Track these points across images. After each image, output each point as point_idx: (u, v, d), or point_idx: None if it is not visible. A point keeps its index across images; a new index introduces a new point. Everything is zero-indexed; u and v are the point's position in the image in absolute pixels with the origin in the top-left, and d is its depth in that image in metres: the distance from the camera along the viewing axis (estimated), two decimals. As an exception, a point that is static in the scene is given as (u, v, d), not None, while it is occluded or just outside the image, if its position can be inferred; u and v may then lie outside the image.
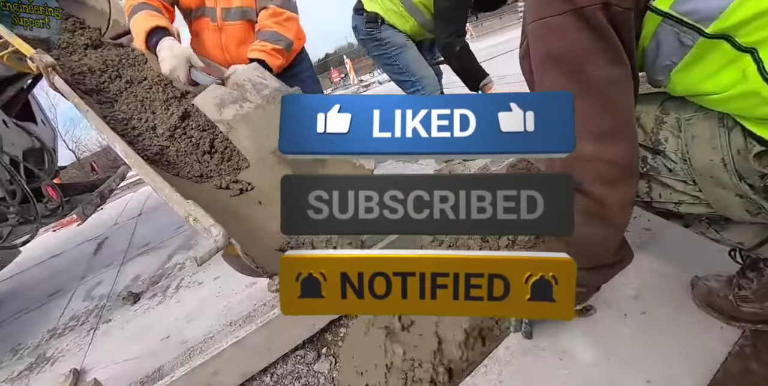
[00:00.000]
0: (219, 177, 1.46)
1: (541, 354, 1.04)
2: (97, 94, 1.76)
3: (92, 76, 1.82)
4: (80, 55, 1.97)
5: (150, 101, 1.70)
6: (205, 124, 1.56)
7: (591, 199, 0.73)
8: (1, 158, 2.40)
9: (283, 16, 1.59)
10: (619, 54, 0.67)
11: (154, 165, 1.39)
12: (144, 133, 1.57)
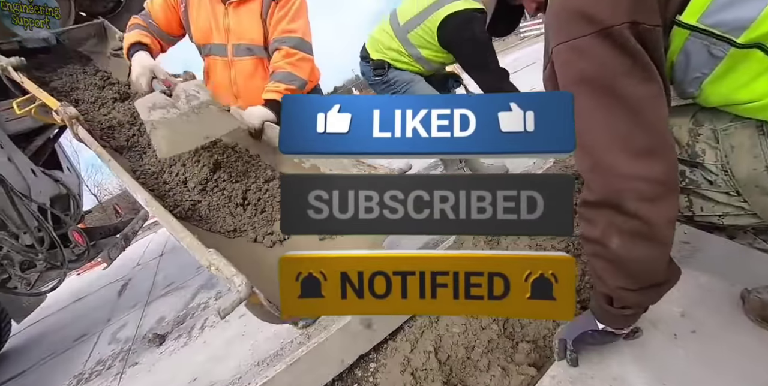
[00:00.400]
0: (253, 230, 1.41)
1: (590, 383, 0.97)
2: (128, 150, 1.79)
3: (121, 131, 1.86)
4: (108, 109, 2.01)
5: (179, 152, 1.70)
6: (237, 176, 1.54)
7: (636, 219, 0.71)
8: (29, 206, 2.47)
9: (296, 57, 1.61)
10: (650, 71, 0.66)
11: (186, 221, 1.38)
12: (175, 187, 1.56)
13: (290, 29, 1.62)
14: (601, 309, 0.91)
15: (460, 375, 1.07)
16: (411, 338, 1.19)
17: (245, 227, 1.42)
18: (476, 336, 1.13)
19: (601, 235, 0.78)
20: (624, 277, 0.79)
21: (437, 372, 1.05)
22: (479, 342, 1.11)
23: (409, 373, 1.06)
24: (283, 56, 1.60)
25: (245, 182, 1.54)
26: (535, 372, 1.04)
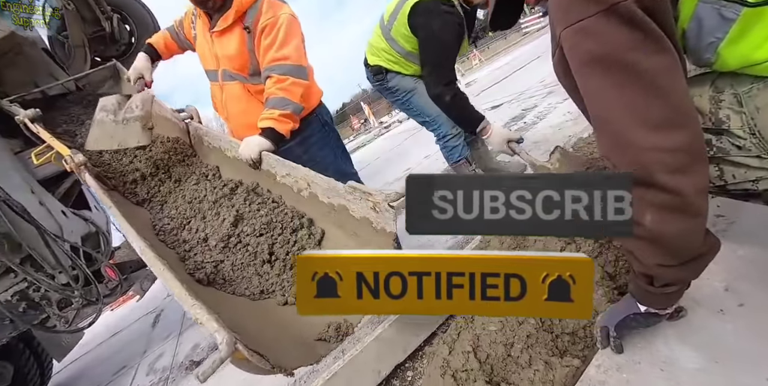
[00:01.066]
0: (282, 290, 1.31)
1: (638, 368, 0.94)
2: (149, 203, 1.83)
3: (143, 184, 1.91)
4: (130, 158, 2.08)
5: (198, 202, 1.68)
6: (261, 228, 1.45)
7: (666, 192, 0.70)
8: (63, 247, 2.56)
9: (287, 82, 1.60)
10: (661, 42, 0.66)
11: (210, 286, 1.30)
12: (195, 246, 1.48)
13: (279, 57, 1.61)
14: (641, 291, 0.88)
15: (502, 373, 1.04)
16: (448, 340, 1.17)
17: (273, 287, 1.32)
18: (514, 332, 1.10)
19: (634, 213, 0.77)
20: (662, 254, 0.78)
21: (478, 372, 1.03)
22: (518, 338, 1.09)
23: (449, 376, 1.04)
24: (274, 83, 1.60)
25: (270, 235, 1.44)
26: (579, 362, 1.01)
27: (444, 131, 2.20)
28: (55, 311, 2.52)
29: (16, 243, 2.39)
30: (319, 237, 1.39)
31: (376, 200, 1.05)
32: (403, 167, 4.96)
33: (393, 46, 2.10)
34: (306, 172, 1.36)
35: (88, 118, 2.59)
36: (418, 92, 2.16)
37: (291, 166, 1.44)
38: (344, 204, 1.22)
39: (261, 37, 1.62)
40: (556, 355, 1.05)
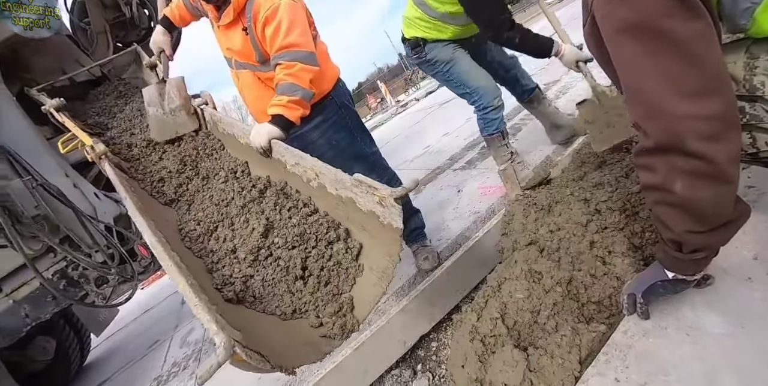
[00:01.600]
0: (315, 310, 1.20)
1: (664, 334, 0.97)
2: (176, 203, 1.80)
3: (170, 182, 1.88)
4: (159, 154, 2.07)
5: (225, 205, 1.59)
6: (294, 240, 1.32)
7: (698, 159, 0.71)
8: (98, 227, 2.67)
9: (295, 68, 1.57)
10: (695, 8, 0.66)
11: (240, 304, 1.21)
12: (224, 258, 1.38)
13: (285, 45, 1.58)
14: (670, 257, 0.90)
15: (529, 338, 1.08)
16: (476, 308, 1.21)
17: (306, 306, 1.22)
18: (540, 300, 1.13)
19: (663, 180, 0.78)
20: (691, 220, 0.79)
21: (506, 337, 1.07)
22: (544, 306, 1.12)
23: (478, 340, 1.08)
24: (282, 69, 1.58)
25: (304, 247, 1.32)
26: (605, 328, 1.04)
27: (484, 103, 2.18)
28: (93, 288, 2.66)
29: (54, 225, 2.51)
30: (356, 252, 1.27)
31: (382, 195, 1.02)
32: (422, 144, 4.94)
33: (426, 11, 2.07)
34: (314, 163, 1.32)
35: (119, 110, 2.64)
36: (457, 62, 2.15)
37: (299, 156, 1.39)
38: (351, 196, 1.18)
39: (264, 28, 1.60)
40: (582, 322, 1.08)
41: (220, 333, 0.78)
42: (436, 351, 1.81)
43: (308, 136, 1.80)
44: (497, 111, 2.20)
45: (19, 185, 2.47)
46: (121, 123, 2.48)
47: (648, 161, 0.80)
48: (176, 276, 1.04)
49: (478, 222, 2.24)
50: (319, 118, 1.81)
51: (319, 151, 1.80)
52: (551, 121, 2.48)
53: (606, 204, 1.49)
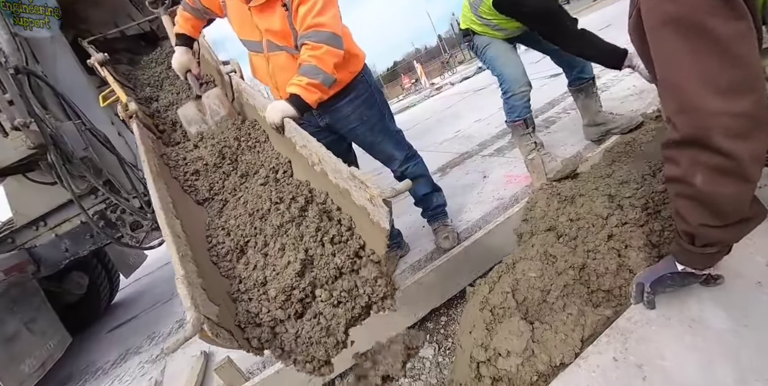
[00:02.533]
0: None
1: (667, 323, 1.01)
2: (209, 202, 1.63)
3: (205, 176, 1.68)
4: (195, 141, 1.89)
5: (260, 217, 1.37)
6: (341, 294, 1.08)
7: (722, 155, 0.73)
8: (137, 174, 2.83)
9: (321, 51, 1.55)
10: (738, 9, 0.67)
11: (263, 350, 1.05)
12: (252, 289, 1.17)
13: (315, 24, 1.57)
14: (682, 250, 0.93)
15: (536, 314, 1.14)
16: (489, 281, 1.27)
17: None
18: (552, 280, 1.19)
19: (685, 173, 0.81)
20: (707, 214, 0.82)
21: (515, 310, 1.13)
22: (555, 286, 1.17)
23: (488, 310, 1.15)
24: (308, 50, 1.56)
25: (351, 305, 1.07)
26: (611, 313, 1.09)
27: (508, 89, 2.24)
28: (128, 231, 2.84)
29: (98, 169, 2.68)
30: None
31: (372, 193, 0.97)
32: (453, 128, 4.94)
33: (482, 20, 2.19)
34: (318, 148, 1.26)
35: (170, 83, 2.61)
36: (491, 47, 2.23)
37: (307, 138, 1.35)
38: (347, 188, 1.13)
39: (299, 7, 1.58)
40: (589, 306, 1.13)
41: (192, 310, 0.80)
42: (444, 326, 1.89)
43: (342, 110, 1.85)
44: (519, 98, 2.23)
45: (70, 127, 2.63)
46: (168, 95, 2.40)
47: (673, 154, 0.83)
48: (170, 244, 1.05)
49: (500, 209, 2.28)
50: (353, 94, 1.86)
51: (351, 125, 1.87)
52: (592, 116, 2.47)
53: (629, 201, 1.51)
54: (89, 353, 3.31)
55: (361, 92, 1.89)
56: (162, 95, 2.43)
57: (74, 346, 3.04)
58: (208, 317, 0.85)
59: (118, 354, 2.93)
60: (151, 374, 2.32)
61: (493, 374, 1.02)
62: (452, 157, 3.73)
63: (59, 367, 3.02)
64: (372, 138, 1.91)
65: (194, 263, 1.10)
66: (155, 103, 2.36)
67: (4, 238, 2.83)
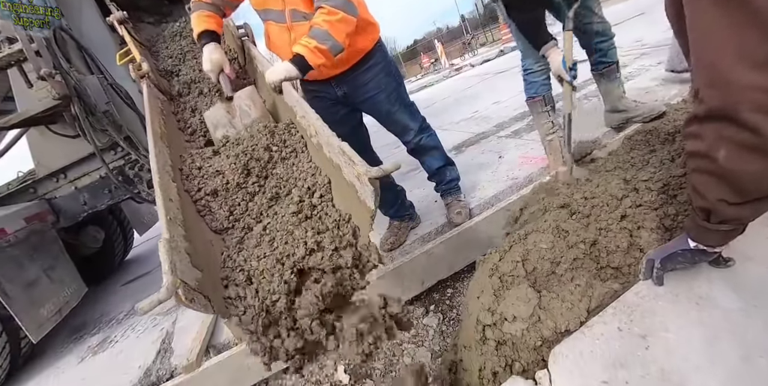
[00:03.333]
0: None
1: (675, 300, 1.02)
2: (227, 232, 1.30)
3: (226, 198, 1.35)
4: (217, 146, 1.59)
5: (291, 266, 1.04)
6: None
7: (748, 131, 0.72)
8: (155, 133, 2.86)
9: (336, 17, 1.51)
10: None
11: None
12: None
13: None
14: (696, 226, 0.94)
15: (544, 284, 1.16)
16: (500, 251, 1.29)
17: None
18: (562, 253, 1.20)
19: (708, 148, 0.80)
20: (727, 190, 0.82)
21: (523, 279, 1.15)
22: (565, 259, 1.19)
23: (497, 277, 1.17)
24: (323, 14, 1.52)
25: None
26: (619, 288, 1.10)
27: (526, 64, 2.21)
28: (145, 189, 2.90)
29: (118, 125, 2.71)
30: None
31: (359, 171, 0.94)
32: (471, 109, 4.88)
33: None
34: (315, 120, 1.21)
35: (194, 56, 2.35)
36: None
37: (306, 110, 1.30)
38: (339, 163, 1.10)
39: None
40: (597, 279, 1.14)
41: (168, 275, 0.80)
42: (450, 297, 1.93)
43: (361, 77, 1.84)
44: (538, 75, 2.19)
45: (93, 81, 2.66)
46: (189, 72, 2.14)
47: (697, 129, 0.82)
48: (160, 206, 1.03)
49: (514, 188, 2.28)
50: (372, 61, 1.85)
51: (369, 94, 1.87)
52: (613, 102, 2.42)
53: (645, 184, 1.50)
54: (103, 304, 3.45)
55: (379, 60, 1.88)
56: (184, 70, 2.23)
57: (89, 297, 3.17)
58: (186, 282, 0.84)
59: (131, 306, 3.04)
60: (162, 325, 2.42)
61: (498, 337, 1.06)
62: (468, 137, 3.71)
63: (74, 315, 3.16)
64: (389, 106, 1.91)
65: (183, 227, 1.07)
66: (176, 78, 2.15)
67: (26, 188, 2.91)
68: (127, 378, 2.00)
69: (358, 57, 1.80)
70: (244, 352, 1.72)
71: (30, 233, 2.59)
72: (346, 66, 1.80)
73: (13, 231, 2.47)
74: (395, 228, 2.17)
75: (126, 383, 1.97)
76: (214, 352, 1.90)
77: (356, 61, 1.80)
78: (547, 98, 2.24)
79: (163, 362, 2.04)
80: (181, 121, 1.79)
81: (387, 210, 2.17)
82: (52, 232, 2.80)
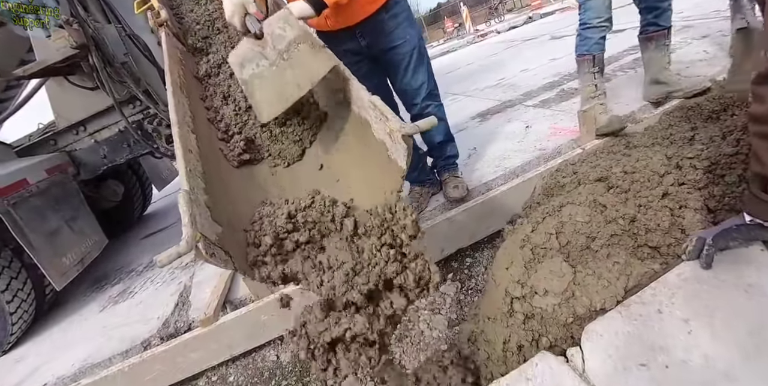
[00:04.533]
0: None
1: (721, 285, 0.96)
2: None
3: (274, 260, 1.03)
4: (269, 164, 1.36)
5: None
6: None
7: None
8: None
9: None
10: None
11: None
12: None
13: None
14: (753, 198, 0.87)
15: (579, 259, 1.10)
16: (532, 221, 1.23)
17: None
18: (599, 228, 1.14)
19: None
20: None
21: (556, 252, 1.10)
22: (601, 235, 1.13)
23: (528, 249, 1.12)
24: None
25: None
26: (659, 268, 1.04)
27: (585, 18, 2.04)
28: (164, 144, 2.87)
29: (136, 77, 2.64)
30: None
31: (392, 127, 0.90)
32: (497, 76, 4.67)
33: None
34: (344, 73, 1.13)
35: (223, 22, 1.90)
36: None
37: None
38: (367, 119, 1.05)
39: None
40: (635, 258, 1.08)
41: (188, 227, 0.77)
42: (469, 267, 1.90)
43: (385, 25, 1.76)
44: (595, 31, 2.03)
45: (111, 31, 2.57)
46: (220, 49, 1.75)
47: (764, 90, 0.76)
48: (179, 157, 0.98)
49: (541, 159, 2.19)
50: (396, 9, 1.77)
51: (393, 44, 1.79)
52: (655, 73, 2.25)
53: (690, 162, 1.40)
54: (124, 255, 3.53)
55: (404, 7, 1.81)
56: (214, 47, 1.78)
57: (109, 249, 3.24)
58: (205, 235, 0.81)
59: (150, 259, 3.11)
60: (180, 279, 2.47)
61: (527, 311, 1.02)
62: (493, 104, 3.56)
63: (95, 266, 3.25)
64: (410, 59, 1.82)
65: (203, 179, 1.04)
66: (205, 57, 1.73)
67: (46, 140, 2.90)
68: (147, 328, 2.06)
69: (381, 1, 1.71)
70: (260, 309, 1.74)
71: (51, 184, 2.61)
72: (371, 9, 1.71)
73: (35, 182, 2.48)
74: (416, 193, 2.12)
75: (145, 332, 2.02)
76: (230, 308, 1.92)
77: (381, 5, 1.71)
78: (598, 59, 2.09)
79: (180, 314, 2.08)
80: (211, 110, 1.49)
81: (409, 174, 2.10)
82: (73, 184, 2.82)
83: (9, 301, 2.34)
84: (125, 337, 2.05)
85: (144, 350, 1.90)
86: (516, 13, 16.74)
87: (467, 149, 2.58)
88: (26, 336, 2.56)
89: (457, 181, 2.04)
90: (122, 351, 1.95)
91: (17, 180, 2.39)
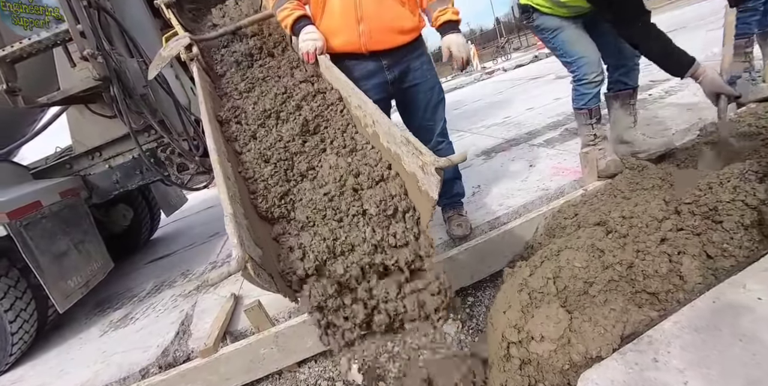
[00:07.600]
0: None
1: (717, 334, 0.96)
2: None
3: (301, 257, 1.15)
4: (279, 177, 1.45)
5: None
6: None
7: None
8: (189, 118, 2.91)
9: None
10: None
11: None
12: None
13: None
14: None
15: (576, 305, 1.12)
16: (531, 265, 1.25)
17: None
18: (597, 273, 1.15)
19: None
20: None
21: (554, 297, 1.11)
22: (599, 280, 1.14)
23: (526, 293, 1.13)
24: None
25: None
26: (656, 315, 1.05)
27: (580, 74, 2.08)
28: (175, 172, 2.95)
29: (153, 108, 2.76)
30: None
31: (426, 161, 0.96)
32: (503, 114, 4.79)
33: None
34: (373, 110, 1.26)
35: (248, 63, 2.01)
36: (563, 31, 2.07)
37: (363, 100, 1.34)
38: (399, 153, 1.14)
39: None
40: (633, 304, 1.09)
41: (238, 248, 0.83)
42: (470, 306, 1.89)
43: (413, 63, 1.85)
44: (591, 86, 2.08)
45: (133, 64, 2.71)
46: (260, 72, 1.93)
47: None
48: (221, 183, 1.08)
49: (544, 199, 2.22)
50: (421, 50, 1.89)
51: (416, 81, 1.88)
52: (620, 132, 2.29)
53: (689, 207, 1.43)
54: (128, 280, 3.54)
55: (426, 50, 1.92)
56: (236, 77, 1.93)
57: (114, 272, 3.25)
58: (252, 257, 0.88)
59: (154, 286, 3.12)
60: (182, 307, 2.47)
61: (524, 356, 1.02)
62: (499, 142, 3.64)
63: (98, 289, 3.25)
64: (428, 98, 1.91)
65: (242, 205, 1.13)
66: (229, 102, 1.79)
67: (63, 163, 2.99)
68: (145, 356, 2.04)
69: (414, 34, 1.82)
70: (260, 342, 1.73)
71: (63, 207, 2.67)
72: (401, 40, 1.79)
73: (48, 204, 2.55)
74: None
75: (144, 360, 2.01)
76: (231, 339, 1.92)
77: (410, 40, 1.82)
78: (595, 111, 2.15)
79: (180, 343, 2.07)
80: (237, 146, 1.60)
81: None
82: (84, 208, 2.89)
83: (12, 321, 2.35)
84: (123, 364, 2.04)
85: (142, 378, 1.88)
86: (522, 52, 17.26)
87: (472, 187, 2.63)
88: (25, 357, 2.55)
89: (461, 219, 2.07)
90: (120, 379, 1.93)
91: (31, 201, 2.45)
